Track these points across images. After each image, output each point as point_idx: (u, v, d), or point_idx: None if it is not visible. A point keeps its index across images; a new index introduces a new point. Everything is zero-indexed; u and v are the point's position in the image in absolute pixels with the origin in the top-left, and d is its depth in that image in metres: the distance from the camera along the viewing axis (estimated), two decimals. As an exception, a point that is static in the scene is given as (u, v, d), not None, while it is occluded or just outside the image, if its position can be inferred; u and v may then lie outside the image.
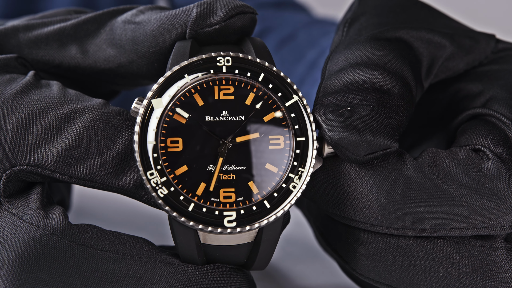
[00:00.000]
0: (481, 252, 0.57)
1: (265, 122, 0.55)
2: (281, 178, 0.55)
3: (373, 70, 0.57)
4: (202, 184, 0.54)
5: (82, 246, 0.54)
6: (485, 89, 0.60)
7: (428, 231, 0.56)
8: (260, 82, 0.56)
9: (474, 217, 0.55)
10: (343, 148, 0.55)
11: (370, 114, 0.55)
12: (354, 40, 0.59)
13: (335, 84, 0.57)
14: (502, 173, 0.55)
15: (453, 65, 0.62)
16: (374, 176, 0.55)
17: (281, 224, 0.55)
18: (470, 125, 0.59)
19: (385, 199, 0.55)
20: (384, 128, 0.55)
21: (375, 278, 0.58)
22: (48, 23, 0.62)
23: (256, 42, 0.58)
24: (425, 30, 0.60)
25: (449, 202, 0.55)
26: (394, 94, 0.57)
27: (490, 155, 0.56)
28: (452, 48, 0.61)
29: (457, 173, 0.55)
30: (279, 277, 0.69)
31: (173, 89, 0.55)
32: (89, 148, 0.55)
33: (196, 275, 0.55)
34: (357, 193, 0.55)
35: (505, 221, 0.56)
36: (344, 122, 0.55)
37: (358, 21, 0.61)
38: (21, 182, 0.56)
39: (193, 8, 0.57)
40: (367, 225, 0.56)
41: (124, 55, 0.59)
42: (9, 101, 0.56)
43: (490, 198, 0.55)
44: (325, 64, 0.59)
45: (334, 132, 0.55)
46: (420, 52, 0.60)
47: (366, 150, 0.54)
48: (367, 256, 0.58)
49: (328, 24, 1.08)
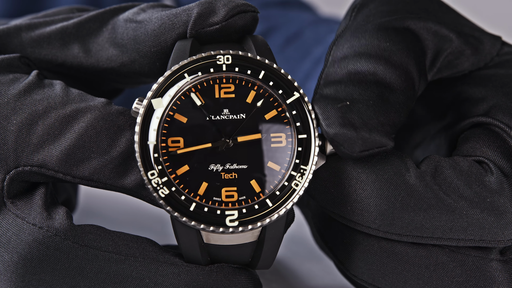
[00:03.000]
0: (475, 262, 0.56)
1: (266, 120, 0.55)
2: (283, 176, 0.54)
3: (377, 62, 0.57)
4: (204, 183, 0.54)
5: (85, 247, 0.54)
6: (488, 95, 0.60)
7: (425, 239, 0.56)
8: (261, 79, 0.55)
9: (472, 230, 0.55)
10: (338, 143, 0.54)
11: (368, 111, 0.55)
12: (361, 28, 0.59)
13: (337, 72, 0.57)
14: (504, 188, 0.55)
15: (457, 62, 0.61)
16: (376, 181, 0.55)
17: (285, 222, 0.55)
18: (473, 134, 0.59)
19: (384, 204, 0.55)
20: (382, 126, 0.55)
21: (368, 280, 0.58)
22: (51, 22, 0.61)
23: (257, 40, 0.57)
24: (432, 21, 0.60)
25: (449, 213, 0.55)
26: (396, 89, 0.56)
27: (493, 168, 0.56)
28: (459, 43, 0.60)
29: (459, 185, 0.55)
30: (286, 276, 0.69)
31: (173, 89, 0.54)
32: (91, 148, 0.55)
33: (200, 275, 0.55)
34: (357, 195, 0.55)
35: (504, 235, 0.55)
36: (342, 118, 0.54)
37: (367, 7, 0.61)
38: (25, 182, 0.56)
39: (194, 8, 0.57)
40: (364, 227, 0.56)
41: (126, 54, 0.59)
42: (12, 101, 0.56)
43: (491, 212, 0.55)
44: (330, 49, 0.59)
45: (330, 127, 0.54)
46: (426, 43, 0.59)
47: (361, 147, 0.54)
48: (361, 258, 0.57)
49: (334, 22, 1.08)
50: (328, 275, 0.65)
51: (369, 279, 0.58)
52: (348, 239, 0.57)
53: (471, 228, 0.55)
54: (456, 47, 0.60)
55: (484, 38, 0.62)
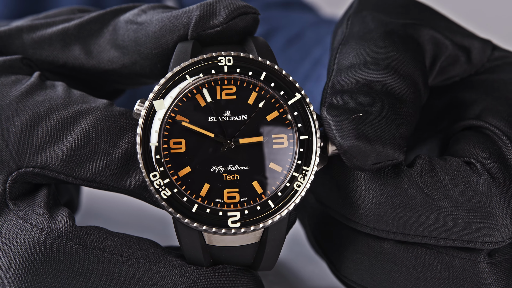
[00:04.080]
0: (463, 264, 0.56)
1: (268, 121, 0.55)
2: (285, 178, 0.54)
3: (386, 72, 0.56)
4: (206, 185, 0.54)
5: (87, 249, 0.54)
6: (479, 99, 0.59)
7: (412, 237, 0.55)
8: (262, 81, 0.55)
9: (458, 230, 0.55)
10: (351, 156, 0.53)
11: (382, 123, 0.54)
12: (365, 36, 0.59)
13: (345, 82, 0.56)
14: (491, 189, 0.55)
15: (450, 69, 0.61)
16: (365, 175, 0.55)
17: (287, 223, 0.55)
18: (463, 136, 0.58)
19: (371, 199, 0.55)
20: (395, 139, 0.54)
21: (357, 281, 0.58)
22: (52, 23, 0.61)
23: (258, 41, 0.57)
24: (429, 28, 0.60)
25: (434, 211, 0.55)
26: (406, 100, 0.56)
27: (480, 169, 0.55)
28: (453, 50, 0.60)
29: (445, 184, 0.55)
30: (288, 278, 0.69)
31: (175, 91, 0.54)
32: (93, 149, 0.55)
33: (202, 277, 0.55)
34: (348, 188, 0.55)
35: (492, 237, 0.55)
36: (356, 129, 0.53)
37: (361, 15, 0.61)
38: (27, 184, 0.56)
39: (195, 10, 0.57)
40: (353, 222, 0.56)
41: (127, 56, 0.59)
42: (14, 103, 0.56)
43: (477, 213, 0.55)
44: (333, 57, 0.59)
45: (345, 139, 0.53)
46: (426, 51, 0.59)
47: (373, 160, 0.53)
48: (350, 259, 0.58)
49: (335, 23, 1.07)
50: (330, 277, 0.65)
51: (358, 279, 0.58)
52: (338, 240, 0.58)
53: (456, 227, 0.55)
54: (450, 53, 0.60)
55: (475, 43, 0.62)
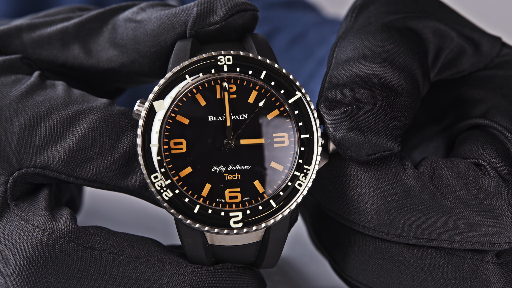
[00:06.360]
0: (471, 264, 0.56)
1: (268, 120, 0.55)
2: (286, 177, 0.54)
3: (382, 64, 0.56)
4: (207, 185, 0.54)
5: (90, 249, 0.54)
6: (486, 97, 0.59)
7: (421, 240, 0.55)
8: (263, 79, 0.55)
9: (469, 232, 0.55)
10: (345, 147, 0.54)
11: (375, 115, 0.54)
12: (363, 29, 0.59)
13: (341, 75, 0.57)
14: (501, 191, 0.55)
15: (457, 62, 0.61)
16: (373, 180, 0.55)
17: (289, 222, 0.55)
18: (471, 135, 0.58)
19: (381, 203, 0.55)
20: (388, 129, 0.54)
21: (363, 281, 0.58)
22: (51, 22, 0.61)
23: (257, 38, 0.57)
24: (433, 20, 0.60)
25: (445, 214, 0.55)
26: (401, 92, 0.56)
27: (491, 171, 0.55)
28: (459, 41, 0.60)
29: (455, 187, 0.55)
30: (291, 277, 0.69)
31: (174, 91, 0.54)
32: (94, 149, 0.55)
33: (205, 276, 0.55)
34: (355, 193, 0.55)
35: (500, 238, 0.55)
36: (349, 121, 0.54)
37: (367, 9, 0.61)
38: (28, 184, 0.56)
39: (193, 7, 0.56)
40: (360, 226, 0.56)
41: (126, 54, 0.59)
42: (14, 103, 0.56)
43: (487, 215, 0.55)
44: (332, 51, 0.59)
45: (338, 131, 0.54)
46: (428, 43, 0.59)
47: (368, 151, 0.54)
48: (356, 259, 0.57)
49: (338, 23, 1.07)
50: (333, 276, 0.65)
51: (364, 279, 0.58)
52: (344, 239, 0.57)
53: (467, 230, 0.55)
54: (456, 45, 0.60)
55: (484, 39, 0.62)
